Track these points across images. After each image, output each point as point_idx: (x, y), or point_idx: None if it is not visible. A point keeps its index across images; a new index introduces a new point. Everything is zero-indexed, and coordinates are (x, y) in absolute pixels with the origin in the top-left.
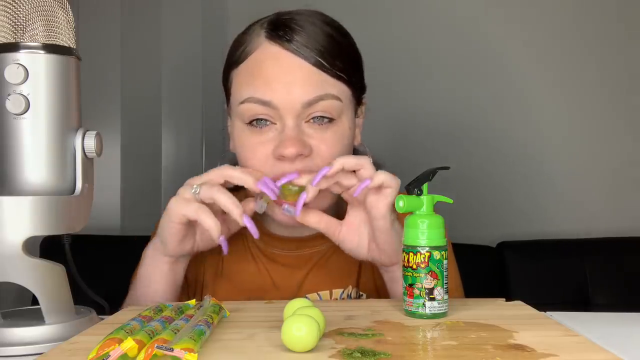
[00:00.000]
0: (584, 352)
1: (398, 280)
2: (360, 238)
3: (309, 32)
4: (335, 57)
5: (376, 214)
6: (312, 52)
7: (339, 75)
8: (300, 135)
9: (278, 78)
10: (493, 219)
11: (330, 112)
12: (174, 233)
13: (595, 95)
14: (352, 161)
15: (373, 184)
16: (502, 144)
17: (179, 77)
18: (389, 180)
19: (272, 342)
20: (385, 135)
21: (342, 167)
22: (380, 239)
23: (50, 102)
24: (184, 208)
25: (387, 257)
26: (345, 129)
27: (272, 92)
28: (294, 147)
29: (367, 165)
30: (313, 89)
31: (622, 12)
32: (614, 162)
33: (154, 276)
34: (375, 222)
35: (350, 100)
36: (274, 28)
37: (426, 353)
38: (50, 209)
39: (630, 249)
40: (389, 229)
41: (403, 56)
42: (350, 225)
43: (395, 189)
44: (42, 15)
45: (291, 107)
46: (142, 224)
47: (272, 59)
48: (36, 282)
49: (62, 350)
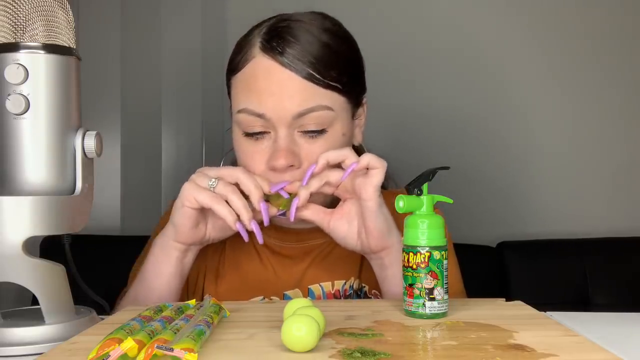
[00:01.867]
0: (584, 352)
1: (387, 267)
2: (350, 226)
3: (304, 43)
4: (329, 67)
5: (364, 195)
6: (304, 64)
7: (332, 85)
8: (292, 146)
9: (270, 91)
10: (493, 219)
11: (322, 123)
12: (187, 217)
13: (595, 95)
14: (335, 154)
15: (359, 166)
16: (502, 144)
17: (179, 77)
18: (374, 161)
19: (272, 342)
20: (385, 135)
21: (327, 162)
22: (369, 221)
23: (50, 102)
24: (199, 194)
25: (375, 242)
26: (337, 137)
27: (264, 105)
28: (284, 159)
29: (349, 154)
30: (304, 101)
31: (622, 11)
32: (614, 162)
33: (162, 266)
34: (363, 204)
35: (345, 107)
36: (268, 39)
37: (426, 353)
38: (50, 209)
39: (630, 249)
40: (377, 210)
41: (403, 57)
42: (340, 214)
43: (382, 169)
44: (42, 15)
45: (282, 119)
46: (142, 224)
47: (264, 72)
48: (36, 282)
49: (62, 350)
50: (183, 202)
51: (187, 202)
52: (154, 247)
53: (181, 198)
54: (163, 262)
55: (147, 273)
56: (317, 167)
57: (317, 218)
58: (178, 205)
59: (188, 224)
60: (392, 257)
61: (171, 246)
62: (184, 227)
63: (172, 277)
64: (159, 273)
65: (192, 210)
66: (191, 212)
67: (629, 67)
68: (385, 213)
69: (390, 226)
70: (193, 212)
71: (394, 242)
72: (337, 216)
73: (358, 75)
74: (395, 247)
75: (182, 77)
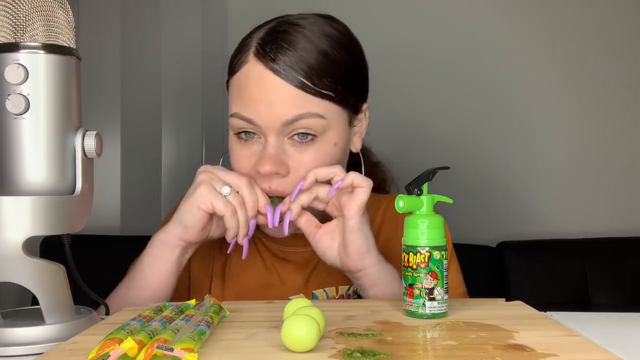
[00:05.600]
0: (584, 352)
1: (367, 288)
2: (332, 242)
3: (299, 50)
4: (323, 75)
5: (347, 213)
6: (297, 73)
7: (325, 93)
8: (280, 153)
9: (260, 98)
10: (493, 219)
11: (313, 129)
12: (200, 219)
13: (595, 96)
14: (324, 171)
15: (344, 184)
16: (502, 144)
17: (179, 77)
18: (358, 180)
19: (272, 342)
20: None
21: (315, 179)
22: (348, 240)
23: (50, 102)
24: (217, 201)
25: (353, 262)
26: (329, 146)
27: (254, 111)
28: (270, 166)
29: (338, 171)
30: (295, 109)
31: (623, 11)
32: (614, 162)
33: (161, 262)
34: (346, 222)
35: (339, 115)
36: (263, 44)
37: (426, 353)
38: (50, 209)
39: (630, 249)
40: (359, 229)
41: (404, 57)
42: (326, 229)
43: (366, 189)
44: (42, 15)
45: (272, 126)
46: (142, 224)
47: (256, 78)
48: (36, 282)
49: (62, 350)
50: (199, 205)
51: (203, 205)
52: (153, 243)
53: (197, 200)
54: (162, 259)
55: (144, 267)
56: (305, 183)
57: (307, 229)
58: (191, 207)
59: (199, 226)
60: (371, 279)
61: (175, 244)
62: (194, 228)
63: (169, 272)
64: (156, 269)
65: (206, 214)
66: (205, 215)
67: (629, 67)
68: (366, 234)
69: (369, 248)
70: (207, 215)
71: (372, 263)
72: (323, 231)
73: (357, 82)
74: (373, 268)
75: (182, 77)
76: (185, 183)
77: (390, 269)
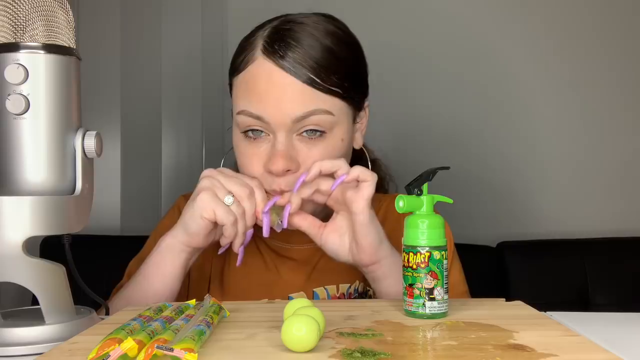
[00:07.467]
0: (584, 352)
1: (380, 280)
2: (342, 240)
3: (306, 47)
4: (330, 72)
5: (355, 209)
6: (305, 69)
7: (333, 90)
8: (290, 150)
9: (269, 95)
10: (493, 219)
11: (322, 125)
12: (203, 227)
13: (595, 96)
14: (328, 164)
15: (349, 178)
16: (502, 144)
17: (179, 77)
18: (364, 174)
19: (272, 342)
20: (386, 135)
21: (320, 171)
22: (360, 234)
23: (50, 102)
24: (219, 210)
25: (367, 255)
26: (336, 142)
27: (263, 108)
28: (282, 163)
29: (343, 165)
30: (304, 105)
31: (624, 11)
32: (614, 162)
33: (166, 266)
34: (354, 217)
35: (345, 111)
36: (270, 42)
37: (426, 353)
38: (50, 209)
39: (630, 249)
40: (368, 223)
41: (404, 57)
42: (332, 227)
43: (372, 183)
44: (42, 15)
45: (281, 123)
46: (142, 224)
47: (265, 75)
48: (36, 282)
49: (62, 350)
50: (201, 214)
51: (205, 214)
52: (159, 248)
53: (199, 209)
54: (168, 263)
55: (149, 271)
56: (309, 174)
57: (311, 230)
58: (194, 215)
59: (203, 233)
60: (384, 270)
61: (180, 249)
62: (199, 235)
63: (174, 277)
64: (161, 273)
65: (208, 221)
66: (208, 224)
67: (630, 67)
68: (376, 226)
69: (381, 239)
70: (210, 223)
71: (386, 254)
72: (329, 229)
73: (360, 79)
74: (387, 259)
75: (182, 77)
76: (185, 183)
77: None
